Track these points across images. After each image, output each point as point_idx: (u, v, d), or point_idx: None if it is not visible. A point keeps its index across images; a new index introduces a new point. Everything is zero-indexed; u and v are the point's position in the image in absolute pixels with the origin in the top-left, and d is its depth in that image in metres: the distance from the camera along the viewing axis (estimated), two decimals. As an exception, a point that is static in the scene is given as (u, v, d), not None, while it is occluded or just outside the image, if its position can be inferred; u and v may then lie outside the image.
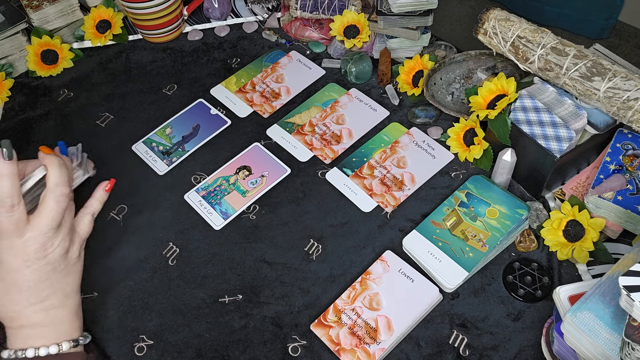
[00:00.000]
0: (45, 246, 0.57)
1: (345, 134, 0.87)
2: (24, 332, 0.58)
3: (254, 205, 0.80)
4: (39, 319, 0.59)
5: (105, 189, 0.66)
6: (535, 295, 0.69)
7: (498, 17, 0.76)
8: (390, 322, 0.67)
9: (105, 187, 0.66)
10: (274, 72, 0.96)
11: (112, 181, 0.67)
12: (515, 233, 0.74)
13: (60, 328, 0.60)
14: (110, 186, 0.67)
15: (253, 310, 0.70)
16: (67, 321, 0.61)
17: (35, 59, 0.97)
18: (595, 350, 0.53)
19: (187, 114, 0.92)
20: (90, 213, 0.64)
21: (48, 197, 0.57)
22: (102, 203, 0.66)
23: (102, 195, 0.66)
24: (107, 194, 0.66)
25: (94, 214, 0.65)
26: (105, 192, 0.66)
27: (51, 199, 0.57)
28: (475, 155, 0.79)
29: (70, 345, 0.59)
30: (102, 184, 0.66)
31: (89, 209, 0.64)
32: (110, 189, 0.67)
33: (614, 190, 0.69)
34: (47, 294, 0.59)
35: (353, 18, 0.93)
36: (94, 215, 0.65)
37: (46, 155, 0.59)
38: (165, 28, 1.00)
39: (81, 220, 0.63)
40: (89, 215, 0.64)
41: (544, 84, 0.73)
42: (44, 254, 0.58)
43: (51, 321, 0.59)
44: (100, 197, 0.66)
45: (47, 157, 0.59)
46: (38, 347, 0.58)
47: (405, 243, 0.73)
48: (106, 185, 0.66)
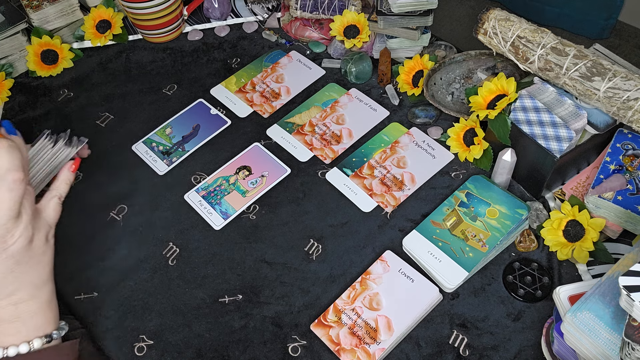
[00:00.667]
0: (4, 238, 0.52)
1: (345, 134, 0.87)
2: None
3: (254, 205, 0.80)
4: (7, 315, 0.54)
5: (71, 170, 0.61)
6: (535, 295, 0.69)
7: (498, 17, 0.76)
8: (390, 322, 0.67)
9: (70, 168, 0.61)
10: (274, 72, 0.96)
11: (77, 160, 0.62)
12: (515, 233, 0.74)
13: (31, 323, 0.55)
14: (75, 166, 0.62)
15: (253, 310, 0.70)
16: (39, 315, 0.56)
17: (35, 59, 0.97)
18: (595, 350, 0.53)
19: (187, 114, 0.92)
20: (57, 196, 0.59)
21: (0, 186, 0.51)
22: (68, 185, 0.61)
23: (68, 176, 0.61)
24: (73, 174, 0.61)
25: (60, 197, 0.59)
26: (71, 173, 0.61)
27: (3, 188, 0.51)
28: (475, 155, 0.79)
29: (43, 341, 0.55)
30: (67, 164, 0.61)
31: (55, 191, 0.59)
32: (76, 169, 0.62)
33: (614, 190, 0.69)
34: (14, 288, 0.54)
35: (353, 18, 0.93)
36: (61, 199, 0.60)
37: None
38: (165, 28, 1.00)
39: (47, 205, 0.58)
40: (56, 199, 0.59)
41: (544, 84, 0.73)
42: (3, 246, 0.52)
43: (20, 317, 0.55)
44: (67, 178, 0.61)
45: None
46: (6, 347, 0.54)
47: (405, 243, 0.73)
48: (71, 166, 0.61)
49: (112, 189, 0.83)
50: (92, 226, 0.79)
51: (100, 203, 0.81)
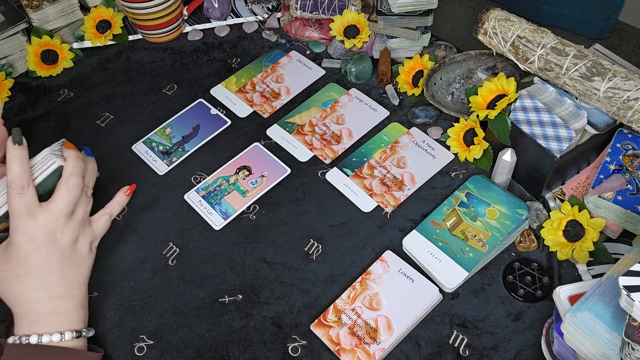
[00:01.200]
0: (54, 232, 0.60)
1: (345, 134, 0.87)
2: (29, 318, 0.60)
3: (254, 205, 0.80)
4: (44, 306, 0.60)
5: (126, 194, 0.70)
6: (535, 295, 0.69)
7: (498, 17, 0.76)
8: (390, 322, 0.67)
9: (126, 192, 0.70)
10: (274, 72, 0.96)
11: (132, 186, 0.71)
12: (515, 233, 0.74)
13: (64, 318, 0.61)
14: (130, 191, 0.70)
15: (253, 310, 0.70)
16: (72, 312, 0.62)
17: (35, 59, 0.97)
18: (595, 350, 0.53)
19: (187, 114, 0.92)
20: (108, 214, 0.68)
21: (61, 185, 0.61)
22: (121, 206, 0.70)
23: (122, 199, 0.70)
24: (127, 198, 0.70)
25: (111, 215, 0.68)
26: (125, 197, 0.70)
27: (63, 188, 0.61)
28: (475, 155, 0.79)
29: (73, 335, 0.61)
30: (123, 188, 0.70)
31: (108, 209, 0.68)
32: (131, 194, 0.70)
33: (614, 190, 0.69)
34: (55, 281, 0.61)
35: (353, 18, 0.93)
36: (112, 217, 0.68)
37: (67, 149, 0.64)
38: (165, 28, 1.00)
39: (99, 219, 0.67)
40: (107, 216, 0.68)
41: (544, 84, 0.73)
42: (53, 239, 0.60)
43: (55, 309, 0.61)
44: (120, 200, 0.69)
45: (67, 151, 0.63)
46: (41, 334, 0.59)
47: (405, 243, 0.73)
48: (127, 190, 0.70)
49: (112, 189, 0.82)
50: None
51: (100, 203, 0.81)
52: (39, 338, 0.59)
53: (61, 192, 0.61)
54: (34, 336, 0.59)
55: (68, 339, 0.60)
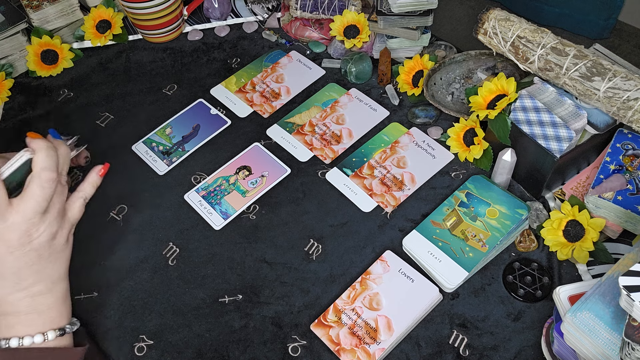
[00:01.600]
0: (29, 232, 0.55)
1: (345, 134, 0.87)
2: (8, 320, 0.56)
3: (254, 205, 0.80)
4: (24, 307, 0.57)
5: (99, 174, 0.63)
6: (535, 295, 0.69)
7: (498, 17, 0.76)
8: (390, 322, 0.67)
9: (99, 172, 0.63)
10: (274, 72, 0.96)
11: (106, 165, 0.64)
12: (515, 233, 0.74)
13: (46, 315, 0.58)
14: (104, 171, 0.64)
15: (253, 310, 0.70)
16: (54, 308, 0.59)
17: (35, 59, 0.97)
18: (595, 350, 0.53)
19: (187, 114, 0.92)
20: (83, 197, 0.61)
21: (32, 182, 0.55)
22: (94, 187, 0.63)
23: (95, 180, 0.63)
24: (100, 178, 0.63)
25: (86, 199, 0.62)
26: (99, 177, 0.63)
27: (35, 184, 0.55)
28: (475, 155, 0.79)
29: (57, 334, 0.58)
30: (96, 168, 0.63)
31: (81, 193, 0.61)
32: (104, 174, 0.64)
33: (614, 190, 0.69)
34: (33, 281, 0.57)
35: (353, 18, 0.93)
36: (86, 200, 0.62)
37: (33, 139, 0.57)
38: (165, 28, 1.00)
39: (72, 205, 0.60)
40: (81, 200, 0.61)
41: (544, 84, 0.73)
42: (28, 239, 0.55)
43: (37, 308, 0.57)
44: (94, 181, 0.63)
45: (34, 141, 0.56)
46: (22, 337, 0.56)
47: (405, 243, 0.73)
48: (100, 170, 0.63)
49: (112, 189, 0.83)
50: (92, 226, 0.79)
51: (100, 203, 0.81)
52: (19, 341, 0.55)
53: (34, 189, 0.54)
54: (14, 339, 0.55)
55: (51, 338, 0.57)
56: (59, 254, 0.59)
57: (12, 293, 0.56)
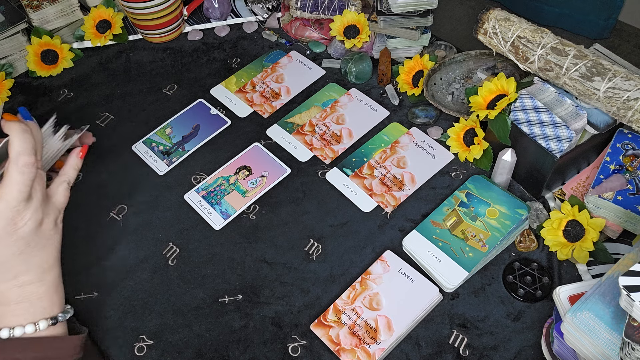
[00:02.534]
0: (14, 220, 0.54)
1: (345, 134, 0.87)
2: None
3: (254, 205, 0.80)
4: (14, 296, 0.55)
5: (79, 156, 0.62)
6: (535, 295, 0.69)
7: (498, 17, 0.76)
8: (390, 322, 0.67)
9: (78, 154, 0.62)
10: (274, 72, 0.96)
11: (85, 147, 0.63)
12: (515, 233, 0.74)
13: (37, 305, 0.57)
14: (83, 153, 0.63)
15: (253, 310, 0.70)
16: (46, 297, 0.57)
17: (35, 59, 0.97)
18: (595, 350, 0.53)
19: (187, 114, 0.92)
20: (66, 181, 0.60)
21: (11, 168, 0.53)
22: (76, 170, 0.62)
23: (76, 162, 0.62)
24: (81, 160, 0.62)
25: (69, 182, 0.61)
26: (79, 159, 0.62)
27: (14, 170, 0.53)
28: (475, 155, 0.79)
29: (49, 323, 0.56)
30: (75, 150, 0.62)
31: (64, 177, 0.60)
32: (84, 155, 0.63)
33: (614, 190, 0.69)
34: (22, 270, 0.56)
35: (353, 18, 0.93)
36: (70, 184, 0.61)
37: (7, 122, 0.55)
38: (165, 28, 1.00)
39: (56, 190, 0.59)
40: (65, 184, 0.60)
41: (544, 84, 0.73)
42: (13, 228, 0.54)
43: (27, 298, 0.56)
44: (75, 163, 0.62)
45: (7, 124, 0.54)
46: (13, 327, 0.55)
47: (405, 243, 0.73)
48: (79, 152, 0.62)
49: (112, 189, 0.83)
50: (92, 226, 0.79)
51: (100, 203, 0.81)
52: (10, 331, 0.55)
53: (13, 176, 0.53)
54: (4, 330, 0.55)
55: (43, 327, 0.56)
56: (47, 241, 0.57)
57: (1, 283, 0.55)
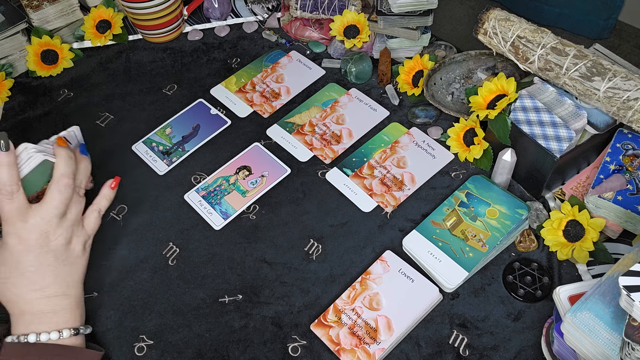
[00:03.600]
0: (47, 234, 0.60)
1: (345, 134, 0.87)
2: (26, 318, 0.60)
3: (254, 205, 0.80)
4: (40, 306, 0.61)
5: (111, 187, 0.69)
6: (535, 295, 0.69)
7: (498, 17, 0.76)
8: (390, 322, 0.67)
9: (111, 185, 0.69)
10: (274, 72, 0.96)
11: (117, 179, 0.70)
12: (515, 233, 0.74)
13: (61, 316, 0.62)
14: (115, 184, 0.70)
15: (253, 310, 0.70)
16: (69, 310, 0.63)
17: (35, 59, 0.97)
18: (595, 350, 0.53)
19: (187, 114, 0.92)
20: (97, 210, 0.67)
21: (52, 186, 0.61)
22: (109, 201, 0.69)
23: (108, 193, 0.69)
24: (113, 191, 0.69)
25: (100, 211, 0.68)
26: (111, 190, 0.69)
27: (54, 189, 0.61)
28: (475, 155, 0.79)
29: (71, 333, 0.61)
30: (108, 182, 0.69)
31: (96, 206, 0.68)
32: (116, 186, 0.70)
33: (614, 190, 0.69)
34: (49, 282, 0.61)
35: (353, 18, 0.93)
36: (101, 213, 0.68)
37: (58, 147, 0.64)
38: (165, 28, 1.00)
39: (88, 217, 0.66)
40: (96, 212, 0.67)
41: (544, 84, 0.73)
42: (46, 241, 0.61)
43: (52, 309, 0.61)
44: (107, 194, 0.69)
45: (58, 148, 0.63)
46: (39, 333, 0.59)
47: (405, 243, 0.73)
48: (112, 183, 0.69)
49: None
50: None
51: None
52: (37, 337, 0.59)
53: (52, 194, 0.61)
54: (32, 335, 0.59)
55: (66, 336, 0.61)
56: (75, 260, 0.64)
57: (29, 292, 0.60)
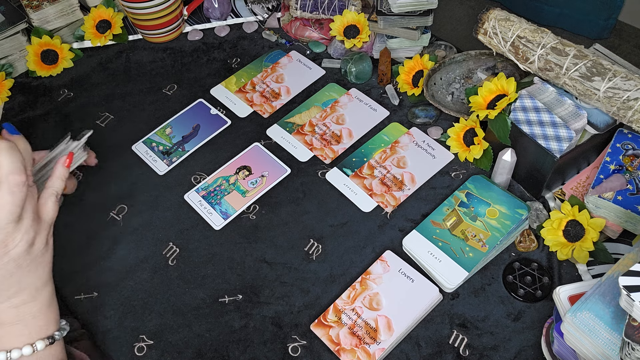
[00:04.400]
0: (5, 242, 0.51)
1: (345, 134, 0.87)
2: None
3: (254, 205, 0.80)
4: (9, 318, 0.54)
5: (65, 165, 0.60)
6: (535, 295, 0.69)
7: (498, 17, 0.76)
8: (390, 322, 0.67)
9: (64, 163, 0.60)
10: (274, 72, 0.96)
11: (70, 155, 0.61)
12: (515, 233, 0.74)
13: (33, 325, 0.55)
14: (69, 161, 0.60)
15: (253, 310, 0.70)
16: (40, 315, 0.56)
17: (35, 59, 0.97)
18: (595, 350, 0.53)
19: (187, 114, 0.92)
20: (54, 194, 0.57)
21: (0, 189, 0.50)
22: (63, 181, 0.59)
23: (62, 172, 0.59)
24: (67, 170, 0.60)
25: (57, 194, 0.58)
26: (65, 168, 0.60)
27: (4, 191, 0.50)
28: (475, 155, 0.79)
29: (46, 343, 0.55)
30: (61, 159, 0.60)
31: (51, 189, 0.57)
32: (69, 164, 0.60)
33: (614, 190, 0.69)
34: (15, 291, 0.54)
35: (353, 18, 0.93)
36: (58, 195, 0.58)
37: None
38: (165, 28, 1.00)
39: (45, 205, 0.56)
40: (53, 197, 0.57)
41: (544, 84, 0.73)
42: (4, 250, 0.51)
43: (22, 318, 0.54)
44: (61, 174, 0.59)
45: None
46: (9, 350, 0.53)
47: (405, 243, 0.73)
48: (65, 161, 0.60)
49: (112, 189, 0.83)
50: (92, 226, 0.79)
51: (100, 203, 0.81)
52: (7, 355, 0.53)
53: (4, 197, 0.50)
54: (1, 353, 0.53)
55: (41, 348, 0.54)
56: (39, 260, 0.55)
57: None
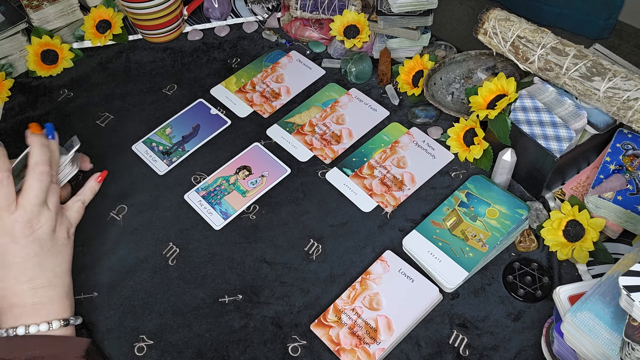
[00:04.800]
0: (31, 223, 0.60)
1: (345, 134, 0.87)
2: (14, 311, 0.60)
3: (254, 205, 0.80)
4: (28, 298, 0.60)
5: (97, 180, 0.69)
6: (535, 295, 0.69)
7: (498, 17, 0.76)
8: (390, 322, 0.67)
9: (97, 179, 0.69)
10: (274, 72, 0.96)
11: (104, 173, 0.70)
12: (515, 233, 0.74)
13: (50, 307, 0.61)
14: (101, 178, 0.70)
15: (253, 310, 0.70)
16: (57, 301, 0.62)
17: (35, 59, 0.97)
18: (595, 350, 0.53)
19: (187, 114, 0.92)
20: (81, 200, 0.67)
21: (29, 175, 0.61)
22: (93, 193, 0.69)
23: (93, 186, 0.69)
24: (99, 184, 0.69)
25: (84, 202, 0.68)
26: (97, 183, 0.69)
27: (31, 177, 0.60)
28: (475, 155, 0.79)
29: (61, 324, 0.61)
30: (95, 175, 0.70)
31: (80, 196, 0.67)
32: (102, 180, 0.70)
33: (614, 190, 0.69)
34: (36, 273, 0.61)
35: (353, 18, 0.93)
36: (85, 204, 0.68)
37: (30, 135, 0.63)
38: (165, 28, 1.00)
39: (72, 207, 0.66)
40: (80, 203, 0.67)
41: (544, 84, 0.73)
42: (30, 230, 0.60)
43: (40, 300, 0.61)
44: (92, 187, 0.69)
45: (31, 136, 0.62)
46: (28, 325, 0.59)
47: (405, 243, 0.73)
48: (98, 177, 0.69)
49: (112, 189, 0.83)
50: (92, 226, 0.79)
51: (100, 203, 0.81)
52: (26, 329, 0.59)
53: (30, 182, 0.60)
54: (20, 327, 0.59)
55: (56, 327, 0.60)
56: (60, 248, 0.63)
57: (16, 284, 0.60)
